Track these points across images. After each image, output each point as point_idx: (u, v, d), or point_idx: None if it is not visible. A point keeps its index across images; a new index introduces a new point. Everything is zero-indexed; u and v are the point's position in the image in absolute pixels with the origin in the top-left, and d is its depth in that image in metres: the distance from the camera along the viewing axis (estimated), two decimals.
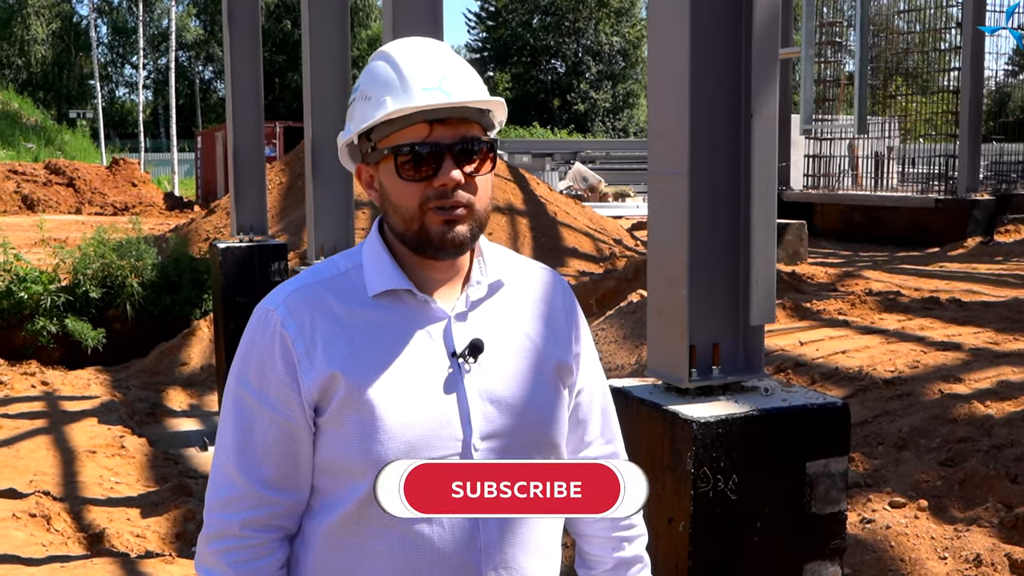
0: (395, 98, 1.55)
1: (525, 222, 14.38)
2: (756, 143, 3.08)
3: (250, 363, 1.59)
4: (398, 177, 1.56)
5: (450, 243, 1.56)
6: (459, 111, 1.55)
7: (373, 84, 1.59)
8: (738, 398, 3.15)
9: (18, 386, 9.43)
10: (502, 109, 1.63)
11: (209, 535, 1.60)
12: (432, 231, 1.56)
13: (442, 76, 1.55)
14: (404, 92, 1.55)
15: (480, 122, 1.59)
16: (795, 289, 9.66)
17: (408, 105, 1.53)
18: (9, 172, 26.09)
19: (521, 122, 52.05)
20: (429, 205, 1.55)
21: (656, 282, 3.26)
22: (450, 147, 1.55)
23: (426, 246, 1.58)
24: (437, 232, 1.55)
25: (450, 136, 1.55)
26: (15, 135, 34.25)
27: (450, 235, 1.55)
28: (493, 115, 1.63)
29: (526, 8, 57.42)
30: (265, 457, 1.57)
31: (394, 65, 1.58)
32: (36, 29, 53.29)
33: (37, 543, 5.46)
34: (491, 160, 1.60)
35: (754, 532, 3.04)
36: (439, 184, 1.54)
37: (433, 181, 1.54)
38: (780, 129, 13.03)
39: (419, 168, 1.55)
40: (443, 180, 1.54)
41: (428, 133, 1.54)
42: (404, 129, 1.55)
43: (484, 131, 1.61)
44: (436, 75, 1.55)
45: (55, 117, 45.33)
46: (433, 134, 1.54)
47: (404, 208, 1.57)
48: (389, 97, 1.55)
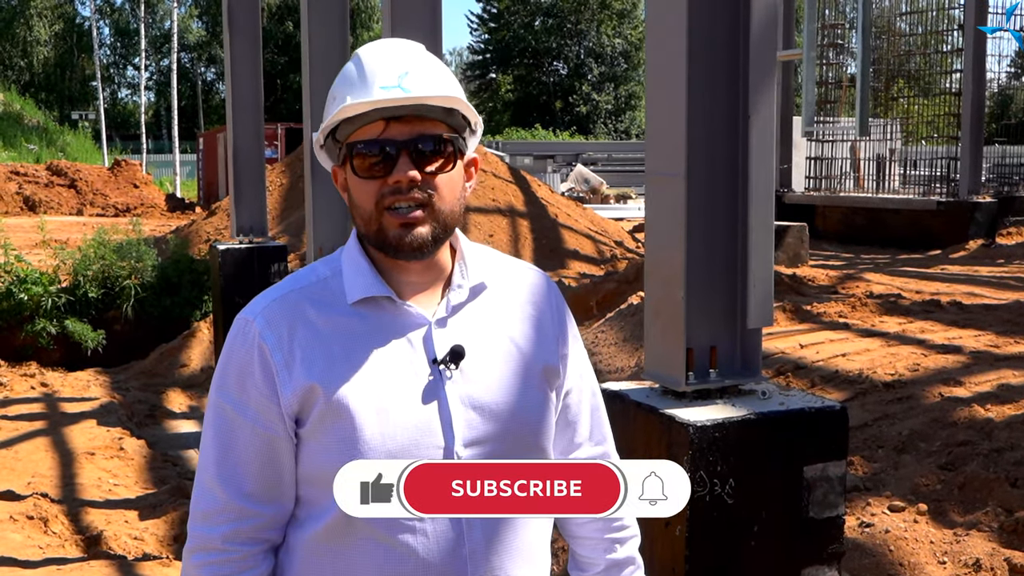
0: (353, 96, 1.53)
1: (526, 224, 14.36)
2: (753, 144, 3.07)
3: (230, 375, 1.57)
4: (354, 175, 1.55)
5: (408, 246, 1.54)
6: (419, 109, 1.52)
7: (340, 83, 1.58)
8: (735, 401, 3.13)
9: (18, 387, 9.42)
10: (467, 108, 1.58)
11: (191, 548, 1.58)
12: (389, 233, 1.54)
13: (403, 74, 1.53)
14: (362, 89, 1.52)
15: (447, 122, 1.56)
16: (796, 291, 9.64)
17: (361, 100, 1.51)
18: (11, 173, 26.07)
19: (523, 124, 52.06)
20: (384, 204, 1.53)
21: (653, 284, 3.25)
22: (405, 144, 1.52)
23: (386, 247, 1.56)
24: (394, 235, 1.54)
25: (407, 133, 1.52)
26: (17, 136, 34.25)
27: (407, 238, 1.53)
28: (466, 116, 1.59)
29: (528, 10, 57.44)
30: (246, 470, 1.55)
31: (358, 64, 1.56)
32: (39, 30, 53.32)
33: (35, 545, 5.45)
34: (454, 159, 1.56)
35: (751, 536, 3.02)
36: (392, 181, 1.52)
37: (387, 179, 1.52)
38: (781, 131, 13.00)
39: (374, 166, 1.53)
40: (396, 177, 1.51)
41: (383, 130, 1.52)
42: (363, 127, 1.53)
43: (454, 131, 1.57)
44: (396, 73, 1.53)
45: (57, 118, 45.33)
46: (387, 131, 1.52)
47: (363, 208, 1.55)
48: (349, 95, 1.54)
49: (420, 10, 5.12)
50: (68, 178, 26.55)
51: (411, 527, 1.51)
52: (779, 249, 11.65)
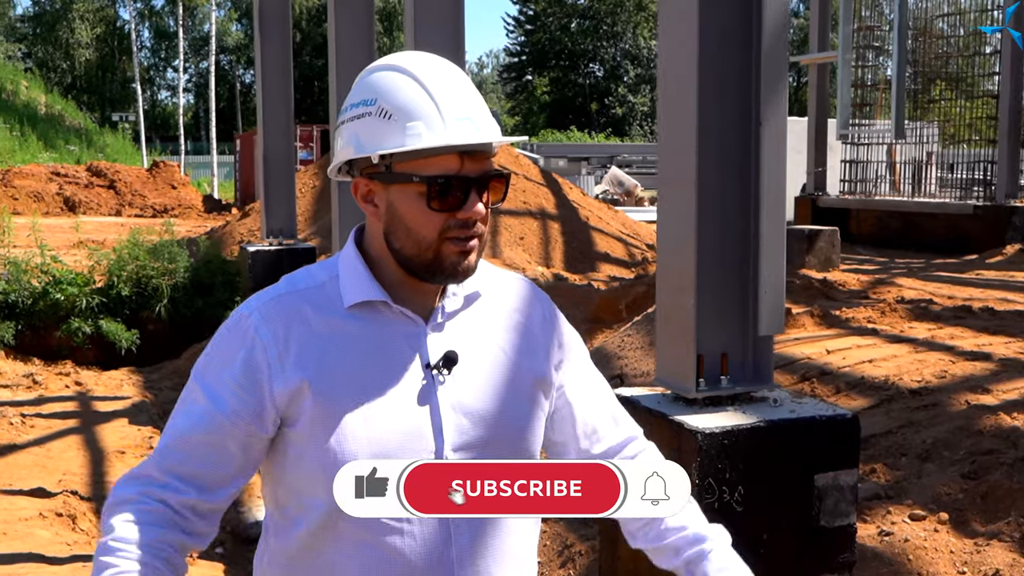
0: (430, 128, 1.53)
1: (557, 227, 14.37)
2: (765, 151, 3.06)
3: (212, 361, 1.60)
4: (425, 206, 1.54)
5: (463, 273, 1.58)
6: (486, 145, 1.57)
7: (396, 103, 1.55)
8: (746, 409, 3.13)
9: (52, 386, 9.57)
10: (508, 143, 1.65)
11: (107, 506, 1.57)
12: (447, 261, 1.56)
13: (471, 107, 1.56)
14: (441, 123, 1.53)
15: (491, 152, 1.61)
16: (825, 296, 9.56)
17: (447, 142, 1.52)
18: (52, 174, 26.46)
19: (558, 126, 52.07)
20: (448, 235, 1.55)
21: (664, 290, 3.25)
22: (477, 181, 1.55)
23: (436, 273, 1.58)
24: (451, 262, 1.56)
25: (477, 170, 1.55)
26: (58, 137, 34.79)
27: (463, 265, 1.57)
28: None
29: (564, 12, 57.44)
30: (193, 453, 1.56)
31: (424, 88, 1.55)
32: (81, 33, 54.13)
33: (62, 542, 5.54)
34: (505, 191, 1.62)
35: (761, 544, 3.02)
36: (463, 216, 1.54)
37: (457, 213, 1.54)
38: (816, 134, 12.89)
39: (446, 199, 1.54)
40: (469, 214, 1.54)
41: (460, 166, 1.54)
42: (433, 158, 1.54)
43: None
44: (466, 106, 1.55)
45: (98, 120, 45.97)
46: (464, 168, 1.54)
47: (421, 236, 1.56)
48: (422, 124, 1.53)
49: (443, 16, 5.15)
50: (107, 179, 26.89)
51: (399, 529, 1.53)
52: (810, 253, 11.57)
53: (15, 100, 35.91)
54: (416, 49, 5.19)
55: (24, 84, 38.61)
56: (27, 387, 9.42)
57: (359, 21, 6.63)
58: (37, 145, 32.87)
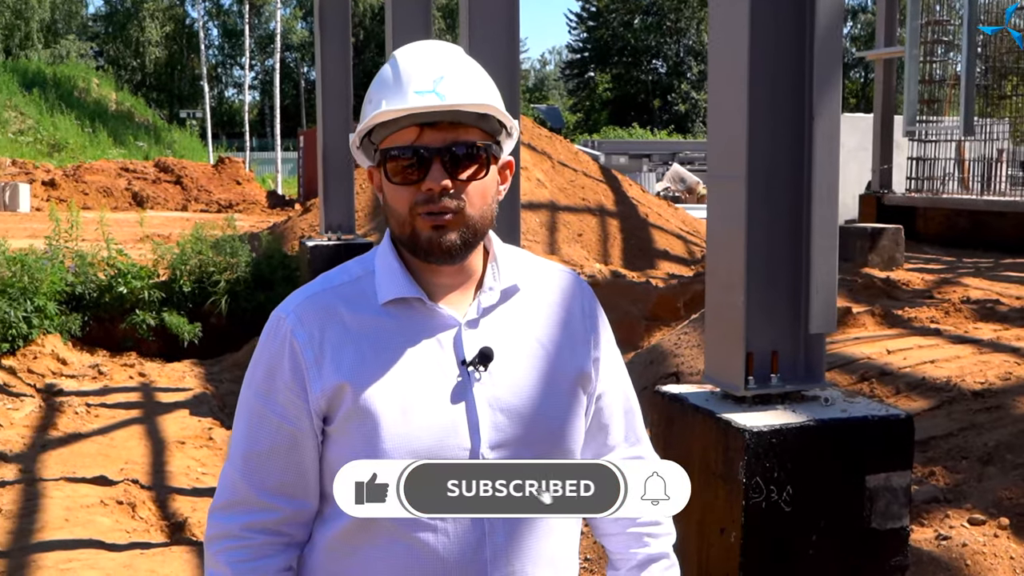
0: (388, 100, 1.53)
1: (615, 223, 14.30)
2: (818, 147, 3.00)
3: (259, 369, 1.61)
4: (388, 180, 1.56)
5: (438, 248, 1.54)
6: (453, 115, 1.52)
7: (375, 86, 1.59)
8: (796, 407, 3.08)
9: (117, 377, 9.78)
10: (501, 113, 1.57)
11: (211, 536, 1.62)
12: (421, 236, 1.54)
13: (438, 78, 1.52)
14: (397, 94, 1.53)
15: (481, 127, 1.56)
16: (888, 295, 9.39)
17: (396, 107, 1.51)
18: (121, 170, 27.03)
19: (621, 123, 51.83)
20: (417, 210, 1.54)
21: (713, 287, 3.21)
22: (439, 152, 1.52)
23: (418, 250, 1.56)
24: (426, 237, 1.54)
25: (439, 140, 1.52)
26: (127, 134, 35.52)
27: (438, 240, 1.54)
28: (501, 121, 1.59)
29: (627, 8, 57.13)
30: (270, 465, 1.58)
31: (394, 67, 1.56)
32: (151, 31, 55.18)
33: (121, 529, 5.65)
34: (487, 166, 1.57)
35: (809, 545, 2.97)
36: (424, 189, 1.52)
37: (420, 186, 1.53)
38: (882, 131, 12.63)
39: (407, 172, 1.53)
40: (428, 185, 1.52)
41: (417, 136, 1.52)
42: (397, 132, 1.54)
43: (489, 136, 1.57)
44: (431, 77, 1.52)
45: (167, 116, 46.84)
46: (421, 138, 1.52)
47: (397, 212, 1.56)
48: (384, 99, 1.54)
49: (498, 8, 5.15)
50: (174, 174, 27.39)
51: (432, 527, 1.52)
52: (873, 252, 11.37)
53: (86, 98, 36.73)
54: (471, 43, 5.20)
55: (95, 82, 39.48)
56: (93, 378, 9.65)
57: (417, 18, 6.66)
58: (107, 141, 33.61)
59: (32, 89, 34.31)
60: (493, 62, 5.19)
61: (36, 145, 31.23)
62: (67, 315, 10.23)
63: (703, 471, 3.09)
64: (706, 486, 3.07)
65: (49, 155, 30.47)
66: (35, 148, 30.86)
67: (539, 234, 13.34)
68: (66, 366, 9.86)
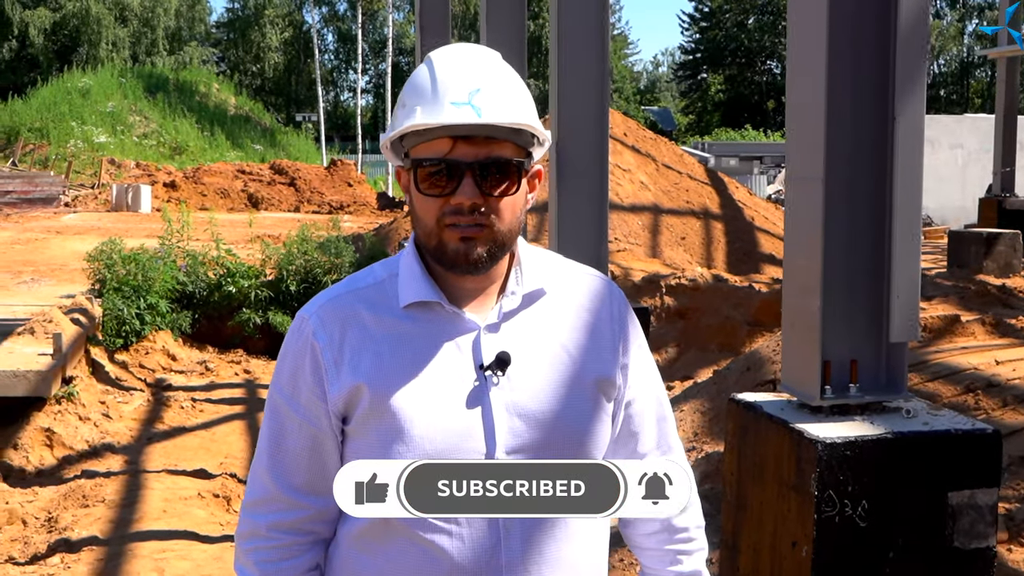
0: (424, 109, 1.52)
1: (720, 227, 14.08)
2: (899, 148, 2.88)
3: (284, 370, 1.62)
4: (417, 189, 1.55)
5: (464, 260, 1.53)
6: (487, 129, 1.51)
7: (410, 90, 1.58)
8: (875, 419, 2.96)
9: (223, 373, 10.08)
10: (535, 128, 1.56)
11: (240, 533, 1.64)
12: (448, 248, 1.53)
13: (474, 91, 1.51)
14: (433, 104, 1.51)
15: (514, 141, 1.54)
16: (1003, 303, 8.99)
17: (432, 120, 1.50)
18: (238, 172, 27.87)
19: (733, 124, 51.09)
20: (445, 221, 1.53)
21: (790, 292, 3.11)
22: (471, 166, 1.51)
23: (444, 261, 1.55)
24: (453, 249, 1.53)
25: (472, 155, 1.51)
26: (245, 137, 36.60)
27: (465, 252, 1.53)
28: (535, 134, 1.57)
29: (742, 8, 56.27)
30: (295, 463, 1.60)
31: (431, 72, 1.55)
32: (271, 37, 56.79)
33: (216, 522, 5.81)
34: (518, 181, 1.55)
35: (886, 563, 2.85)
36: (455, 203, 1.51)
37: (450, 199, 1.52)
38: (1004, 132, 12.10)
39: (437, 184, 1.52)
40: (459, 200, 1.51)
41: (449, 149, 1.51)
42: (429, 142, 1.52)
43: (521, 150, 1.56)
44: (468, 89, 1.51)
45: (283, 120, 48.09)
46: (455, 151, 1.51)
47: (424, 221, 1.56)
48: (419, 107, 1.53)
49: (588, 14, 5.11)
50: (288, 176, 28.07)
51: (446, 530, 1.51)
52: (988, 258, 10.92)
53: (207, 102, 37.98)
54: (560, 43, 5.17)
55: (215, 86, 40.79)
56: (200, 373, 9.96)
57: (512, 19, 6.66)
58: (225, 144, 34.70)
59: (156, 94, 35.67)
60: (581, 69, 5.15)
61: (159, 148, 32.45)
62: (178, 312, 10.59)
63: (776, 482, 2.99)
64: (779, 498, 2.98)
65: (171, 158, 31.63)
66: (158, 151, 32.06)
67: (641, 237, 13.22)
68: (175, 362, 10.20)
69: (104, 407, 8.16)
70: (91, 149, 29.82)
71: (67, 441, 7.25)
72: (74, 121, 31.15)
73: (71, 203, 24.67)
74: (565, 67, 5.12)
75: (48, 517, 5.96)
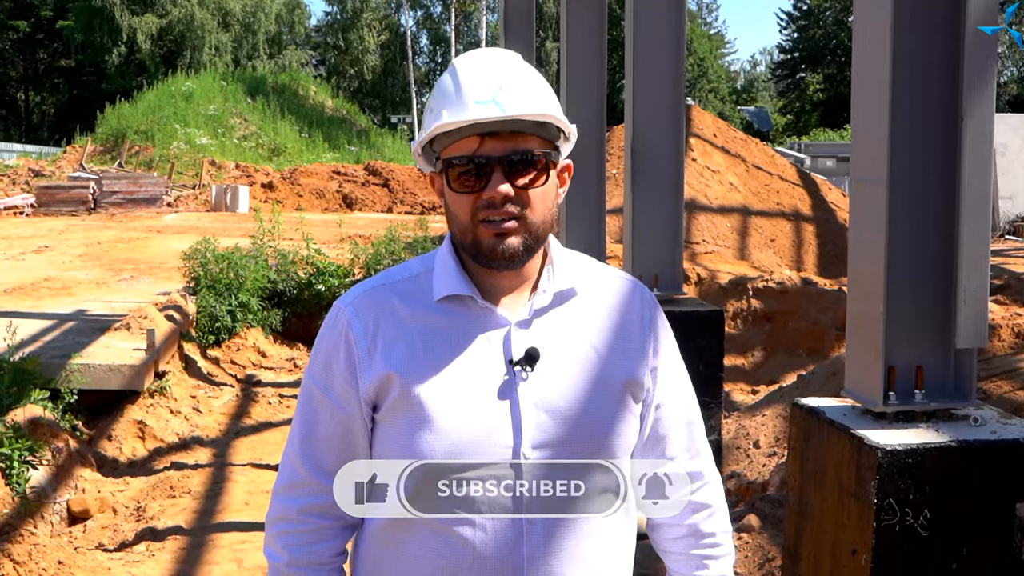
0: (450, 110, 1.57)
1: (811, 228, 13.83)
2: (967, 149, 2.81)
3: (318, 357, 1.67)
4: (450, 188, 1.60)
5: (500, 255, 1.58)
6: (512, 124, 1.55)
7: (436, 96, 1.63)
8: (940, 426, 2.89)
9: None
10: (559, 120, 1.60)
11: (271, 518, 1.69)
12: (484, 243, 1.58)
13: (497, 88, 1.56)
14: (458, 104, 1.56)
15: (540, 135, 1.59)
16: None
17: (458, 119, 1.55)
18: (333, 173, 28.36)
19: (832, 125, 49.98)
20: (479, 217, 1.57)
21: (855, 296, 3.06)
22: (499, 160, 1.56)
23: (479, 257, 1.60)
24: (488, 244, 1.57)
25: (500, 150, 1.56)
26: (341, 138, 37.24)
27: (500, 247, 1.57)
28: (560, 127, 1.61)
29: (842, 5, 55.06)
30: (326, 448, 1.65)
31: (454, 76, 1.60)
32: (368, 40, 57.67)
33: None
34: (546, 172, 1.59)
35: (949, 575, 2.78)
36: (487, 197, 1.56)
37: (482, 194, 1.56)
38: None
39: (468, 181, 1.57)
40: (490, 193, 1.56)
41: (478, 146, 1.56)
42: (458, 142, 1.58)
43: (548, 143, 1.60)
44: (491, 87, 1.56)
45: (379, 122, 48.76)
46: (483, 147, 1.56)
47: (459, 219, 1.60)
48: (446, 109, 1.58)
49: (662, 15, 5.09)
50: (382, 177, 28.45)
51: (470, 521, 1.54)
52: None
53: (305, 104, 38.75)
54: (635, 42, 5.15)
55: (313, 89, 41.59)
56: (288, 370, 10.18)
57: (590, 22, 6.66)
58: (322, 146, 35.33)
59: (256, 97, 36.52)
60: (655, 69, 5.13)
61: (258, 150, 33.21)
62: (268, 310, 10.84)
63: (837, 489, 2.94)
64: (839, 505, 2.93)
65: (269, 159, 32.35)
66: (256, 152, 32.83)
67: (729, 239, 13.06)
68: (265, 358, 10.45)
69: (195, 401, 8.41)
70: (193, 151, 30.67)
71: (158, 433, 7.50)
72: (177, 123, 32.10)
73: (173, 203, 25.44)
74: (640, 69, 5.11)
75: (137, 506, 6.18)
